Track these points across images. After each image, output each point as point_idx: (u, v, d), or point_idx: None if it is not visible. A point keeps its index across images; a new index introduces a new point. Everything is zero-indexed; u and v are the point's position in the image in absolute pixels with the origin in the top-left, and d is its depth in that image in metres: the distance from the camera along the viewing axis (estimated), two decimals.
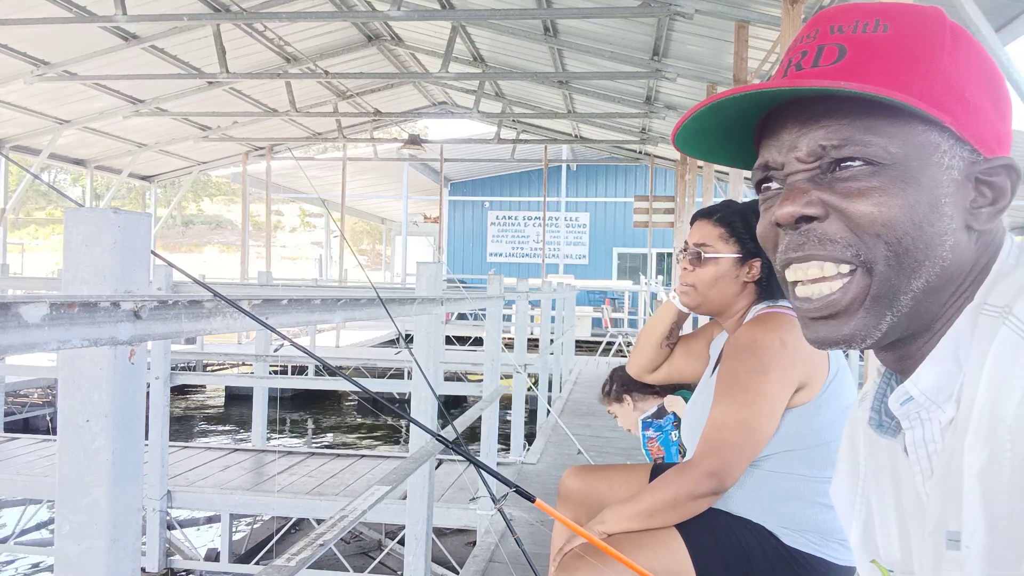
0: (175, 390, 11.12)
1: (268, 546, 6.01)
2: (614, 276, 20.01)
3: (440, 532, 5.35)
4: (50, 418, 9.77)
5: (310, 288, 10.08)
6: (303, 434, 11.00)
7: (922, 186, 0.63)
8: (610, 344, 13.41)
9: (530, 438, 6.24)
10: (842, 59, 0.65)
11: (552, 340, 8.22)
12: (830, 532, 1.55)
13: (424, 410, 2.41)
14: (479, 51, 10.54)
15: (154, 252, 0.99)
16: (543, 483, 4.80)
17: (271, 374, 6.83)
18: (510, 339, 5.72)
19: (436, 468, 4.22)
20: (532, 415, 7.96)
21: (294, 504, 4.64)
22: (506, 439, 6.28)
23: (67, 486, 0.91)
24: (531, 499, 1.02)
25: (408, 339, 2.16)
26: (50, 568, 6.38)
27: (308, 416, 12.14)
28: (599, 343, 13.93)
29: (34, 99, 10.25)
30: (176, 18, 7.65)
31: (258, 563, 5.75)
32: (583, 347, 14.88)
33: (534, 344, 10.19)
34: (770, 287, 1.71)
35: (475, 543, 4.16)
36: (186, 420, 11.90)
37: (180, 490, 4.65)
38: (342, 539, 6.08)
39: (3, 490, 5.36)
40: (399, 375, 11.15)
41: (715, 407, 1.56)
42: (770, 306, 1.68)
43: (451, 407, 11.12)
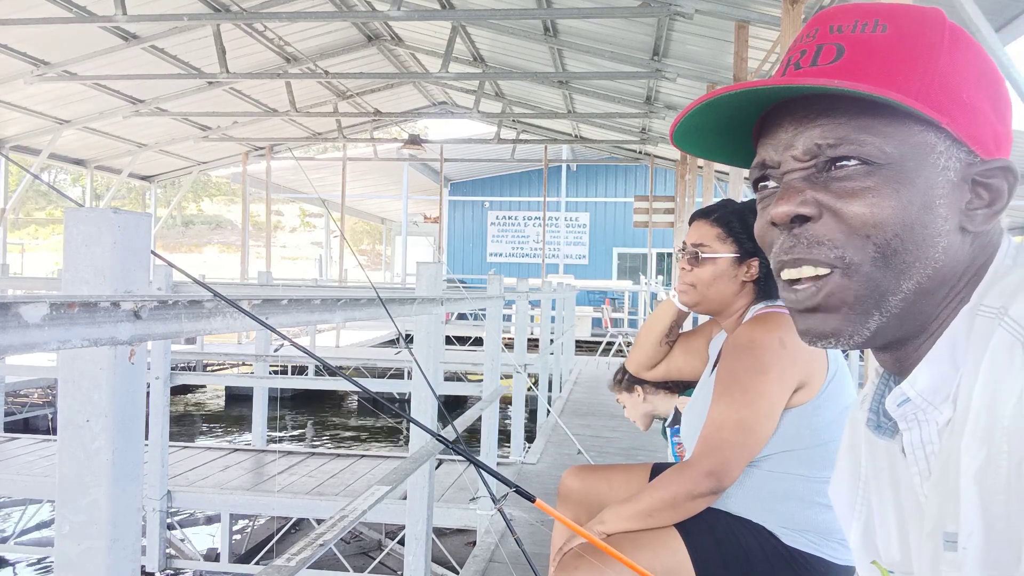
0: (175, 390, 11.14)
1: (268, 546, 6.01)
2: (614, 276, 20.01)
3: (440, 532, 5.35)
4: (50, 418, 9.77)
5: (310, 288, 10.07)
6: (303, 437, 11.00)
7: (916, 187, 0.63)
8: (610, 344, 13.41)
9: (530, 438, 6.24)
10: (840, 58, 0.65)
11: (552, 340, 8.22)
12: (830, 532, 1.55)
13: (424, 410, 2.41)
14: (479, 51, 10.54)
15: (154, 252, 0.99)
16: (543, 483, 4.80)
17: (271, 374, 6.83)
18: (510, 339, 5.72)
19: (436, 468, 4.21)
20: (532, 415, 7.96)
21: (294, 504, 4.64)
22: (506, 439, 6.27)
23: (67, 486, 0.91)
24: (531, 499, 1.02)
25: (408, 339, 2.16)
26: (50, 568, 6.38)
27: (308, 416, 12.14)
28: (599, 343, 13.93)
29: (34, 99, 10.25)
30: (176, 18, 7.66)
31: (258, 563, 5.75)
32: (583, 347, 14.88)
33: (534, 344, 10.19)
34: (769, 286, 1.71)
35: (475, 543, 4.16)
36: (186, 420, 11.90)
37: (180, 490, 4.65)
38: (342, 539, 6.07)
39: (3, 490, 5.36)
40: (399, 375, 11.15)
41: (714, 407, 1.56)
42: (769, 306, 1.68)
43: (451, 407, 11.11)
